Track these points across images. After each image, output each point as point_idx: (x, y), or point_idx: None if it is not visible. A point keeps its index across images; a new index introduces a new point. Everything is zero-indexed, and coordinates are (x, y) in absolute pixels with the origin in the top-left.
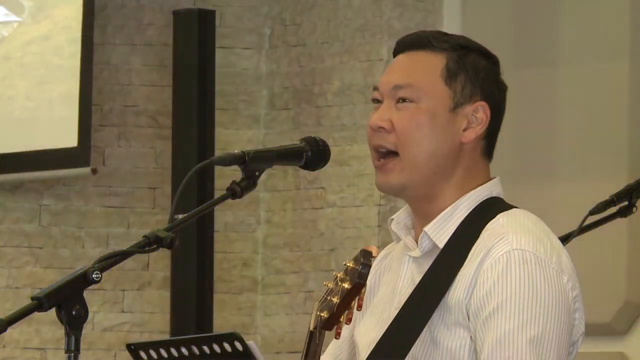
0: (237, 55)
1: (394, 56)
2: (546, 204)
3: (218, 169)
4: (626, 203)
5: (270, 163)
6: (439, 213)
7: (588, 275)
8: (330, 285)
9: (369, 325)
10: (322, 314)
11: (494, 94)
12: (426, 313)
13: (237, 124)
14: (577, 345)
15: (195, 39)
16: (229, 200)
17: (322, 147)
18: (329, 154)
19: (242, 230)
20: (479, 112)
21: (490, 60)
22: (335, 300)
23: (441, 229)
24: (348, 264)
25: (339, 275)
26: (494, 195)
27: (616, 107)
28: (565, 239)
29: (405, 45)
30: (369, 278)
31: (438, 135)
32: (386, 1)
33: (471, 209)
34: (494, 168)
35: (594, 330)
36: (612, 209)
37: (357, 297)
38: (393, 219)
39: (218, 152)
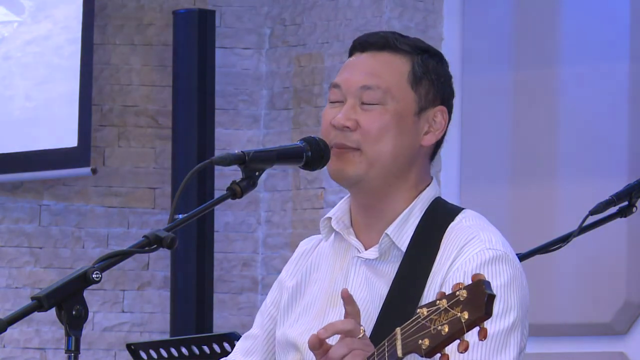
0: (237, 55)
1: (351, 54)
2: (546, 204)
3: (218, 169)
4: (626, 203)
5: (270, 163)
6: (391, 212)
7: (588, 275)
8: (425, 312)
9: (307, 326)
10: (423, 342)
11: (450, 99)
12: (408, 314)
13: (237, 124)
14: (525, 347)
15: (195, 39)
16: (229, 200)
17: (322, 147)
18: (329, 154)
19: (242, 230)
20: (438, 117)
21: (446, 64)
22: (446, 329)
23: (401, 231)
24: (461, 293)
25: (442, 303)
26: (437, 195)
27: (616, 107)
28: (565, 239)
29: (367, 44)
30: (293, 273)
31: (402, 138)
32: (386, 1)
33: (424, 210)
34: (494, 168)
35: (594, 330)
36: (612, 209)
37: (479, 328)
38: (330, 217)
39: (218, 152)
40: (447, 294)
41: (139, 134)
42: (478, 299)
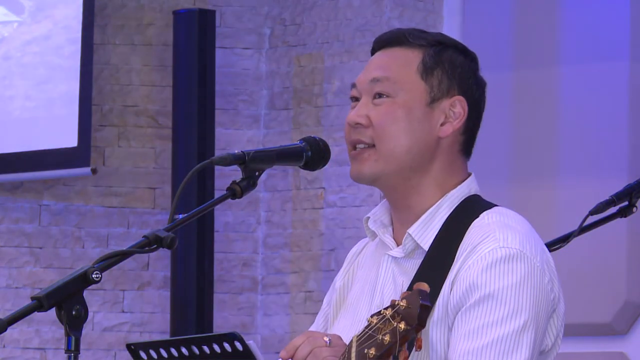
0: (237, 55)
1: (372, 55)
2: (547, 204)
3: (218, 169)
4: (626, 203)
5: (270, 163)
6: (419, 209)
7: (588, 275)
8: (374, 320)
9: (343, 324)
10: (369, 351)
11: (472, 90)
12: None
13: (237, 124)
14: (556, 347)
15: (195, 39)
16: (229, 200)
17: (322, 147)
18: (329, 154)
19: (242, 230)
20: (457, 107)
21: (468, 57)
22: (387, 339)
23: (425, 230)
24: (400, 303)
25: (386, 312)
26: (472, 193)
27: (616, 107)
28: (565, 239)
29: (382, 42)
30: (344, 274)
31: (415, 130)
32: (386, 1)
33: (453, 209)
34: (495, 168)
35: (594, 330)
36: (612, 209)
37: (415, 338)
38: (369, 217)
39: (218, 152)
40: (395, 302)
41: (139, 134)
42: (413, 309)
